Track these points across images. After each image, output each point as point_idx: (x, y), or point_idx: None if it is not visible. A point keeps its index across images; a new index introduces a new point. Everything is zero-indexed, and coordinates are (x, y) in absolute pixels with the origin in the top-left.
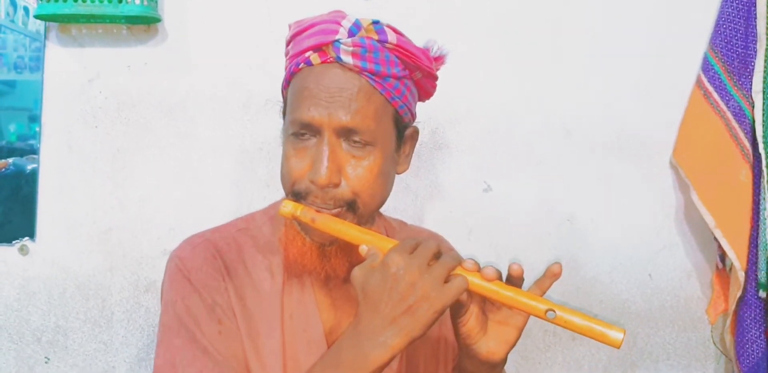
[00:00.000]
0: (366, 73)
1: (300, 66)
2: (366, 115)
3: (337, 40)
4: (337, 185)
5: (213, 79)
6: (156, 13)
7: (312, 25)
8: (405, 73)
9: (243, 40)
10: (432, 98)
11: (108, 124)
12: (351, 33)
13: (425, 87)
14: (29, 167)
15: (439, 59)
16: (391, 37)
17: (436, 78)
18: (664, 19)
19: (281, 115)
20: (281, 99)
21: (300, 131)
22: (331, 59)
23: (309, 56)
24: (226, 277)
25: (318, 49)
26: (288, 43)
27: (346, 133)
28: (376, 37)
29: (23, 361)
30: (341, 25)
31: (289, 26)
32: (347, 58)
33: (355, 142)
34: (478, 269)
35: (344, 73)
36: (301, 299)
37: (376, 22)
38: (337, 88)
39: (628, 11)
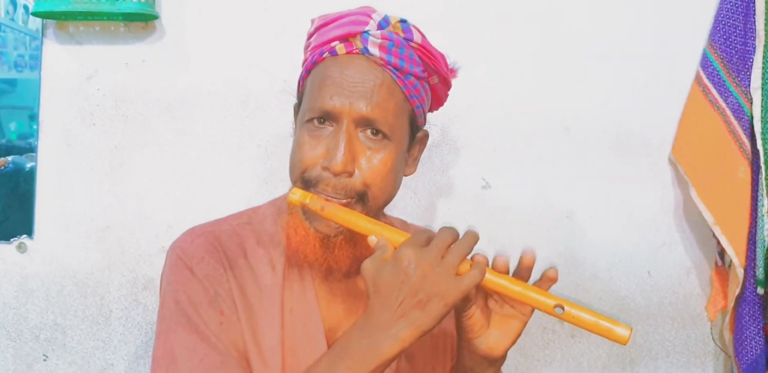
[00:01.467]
0: (390, 67)
1: (324, 55)
2: (386, 108)
3: (366, 31)
4: (351, 174)
5: (211, 76)
6: (153, 10)
7: (340, 17)
8: (424, 75)
9: (241, 37)
10: None
11: (106, 121)
12: (380, 26)
13: (438, 93)
14: (28, 165)
15: (452, 71)
16: (417, 37)
17: (449, 87)
18: (663, 15)
19: (294, 108)
20: (295, 90)
21: (319, 118)
22: (357, 50)
23: (335, 46)
24: (228, 269)
25: (345, 39)
26: (310, 36)
27: (365, 123)
28: (402, 34)
29: (21, 359)
30: (371, 18)
31: (312, 20)
32: (374, 50)
33: (372, 134)
34: (487, 263)
35: (369, 65)
36: (302, 293)
37: (403, 21)
38: (360, 78)
39: (627, 8)
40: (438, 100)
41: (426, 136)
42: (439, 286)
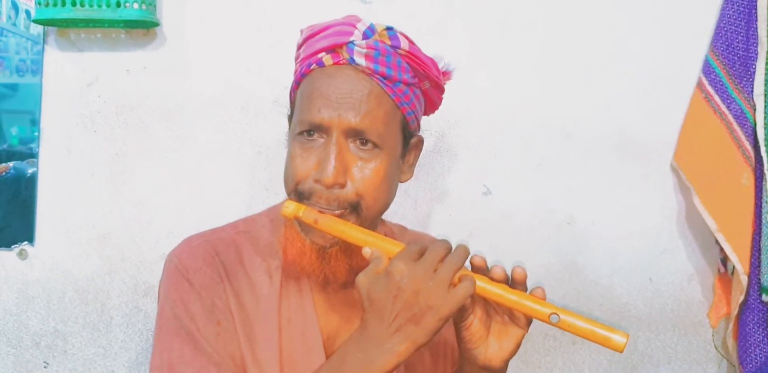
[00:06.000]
0: (377, 76)
1: (312, 67)
2: (375, 117)
3: (352, 42)
4: (343, 186)
5: (211, 82)
6: (154, 17)
7: (326, 28)
8: (414, 81)
9: (241, 44)
10: None
11: (107, 128)
12: (365, 36)
13: (432, 98)
14: (30, 171)
15: (446, 74)
16: (404, 44)
17: (443, 91)
18: (664, 21)
19: (288, 119)
20: (288, 100)
21: (309, 131)
22: (344, 61)
23: (322, 57)
24: (225, 279)
25: (331, 50)
26: (299, 47)
27: (354, 134)
28: (389, 42)
29: (22, 365)
30: (356, 28)
31: (301, 31)
32: (360, 60)
33: (362, 144)
34: (485, 265)
35: (356, 75)
36: (300, 303)
37: (389, 28)
38: (348, 89)
39: (628, 13)
40: (432, 104)
41: (421, 141)
42: (432, 300)
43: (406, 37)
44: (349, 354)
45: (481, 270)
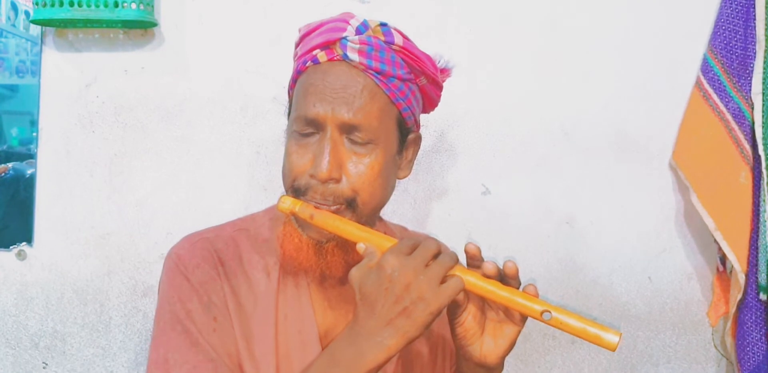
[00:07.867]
0: (371, 72)
1: (307, 64)
2: (369, 112)
3: (344, 38)
4: (337, 181)
5: (210, 82)
6: (152, 17)
7: (321, 25)
8: (410, 77)
9: (240, 44)
10: None
11: (105, 128)
12: (358, 31)
13: (430, 95)
14: (29, 172)
15: (445, 71)
16: (398, 39)
17: (441, 87)
18: (663, 20)
19: (286, 116)
20: (287, 98)
21: (304, 127)
22: (338, 57)
23: (316, 54)
24: (223, 276)
25: (325, 47)
26: (297, 45)
27: (348, 129)
28: (382, 38)
29: (21, 366)
30: (349, 24)
31: (299, 30)
32: (354, 56)
33: (357, 139)
34: (479, 253)
35: (350, 70)
36: (297, 299)
37: (383, 24)
38: (342, 85)
39: (627, 12)
40: (430, 101)
41: (419, 138)
42: (422, 293)
43: (401, 33)
44: (340, 348)
45: (475, 259)
